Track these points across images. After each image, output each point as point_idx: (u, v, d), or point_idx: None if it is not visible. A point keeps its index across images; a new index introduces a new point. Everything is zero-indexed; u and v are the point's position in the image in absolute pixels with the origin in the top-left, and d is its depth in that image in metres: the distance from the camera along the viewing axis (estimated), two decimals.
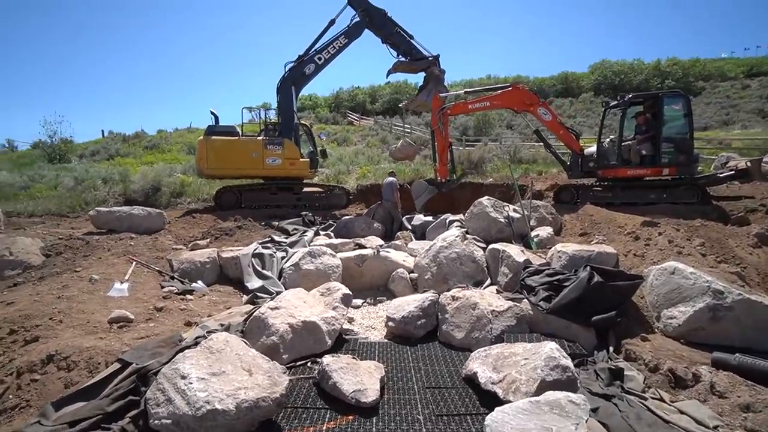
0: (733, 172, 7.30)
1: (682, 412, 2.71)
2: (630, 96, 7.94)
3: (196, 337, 3.25)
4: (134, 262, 5.34)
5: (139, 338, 3.11)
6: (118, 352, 2.77)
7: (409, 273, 5.49)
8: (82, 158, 20.38)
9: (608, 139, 8.27)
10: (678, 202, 7.25)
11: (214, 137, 9.69)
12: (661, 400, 2.91)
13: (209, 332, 3.37)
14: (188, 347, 2.98)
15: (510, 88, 8.57)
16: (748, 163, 7.24)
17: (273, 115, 10.70)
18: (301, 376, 3.21)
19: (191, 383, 2.44)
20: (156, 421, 2.35)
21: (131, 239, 6.57)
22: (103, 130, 27.88)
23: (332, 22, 9.65)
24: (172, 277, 5.22)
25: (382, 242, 6.71)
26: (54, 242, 5.57)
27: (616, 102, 8.07)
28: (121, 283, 4.38)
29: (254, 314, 3.71)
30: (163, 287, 4.82)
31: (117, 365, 2.66)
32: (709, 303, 3.47)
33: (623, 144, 7.84)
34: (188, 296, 4.68)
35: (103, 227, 7.14)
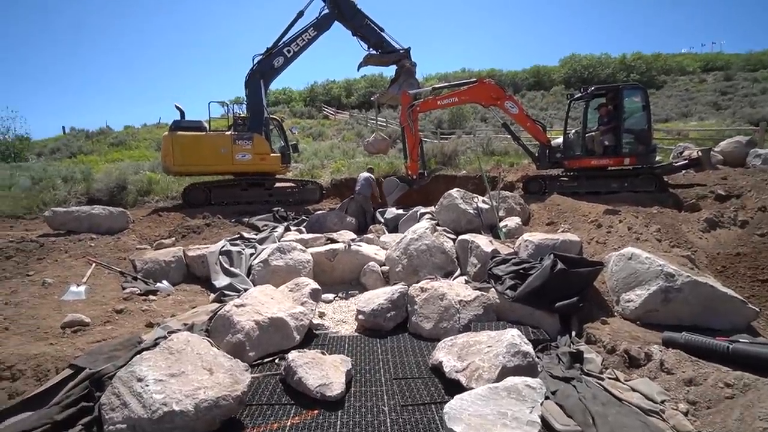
0: (686, 161, 7.69)
1: (634, 390, 2.86)
2: (593, 88, 8.17)
3: (156, 338, 3.16)
4: (93, 264, 5.11)
5: (95, 342, 2.98)
6: (70, 358, 2.65)
7: (380, 266, 5.51)
8: (41, 156, 19.25)
9: (573, 131, 8.51)
10: (638, 191, 7.55)
11: (179, 132, 9.35)
12: (616, 379, 3.05)
13: (171, 333, 3.28)
14: (147, 349, 2.89)
15: (477, 83, 8.62)
16: (699, 153, 7.66)
17: (242, 110, 10.42)
18: (268, 372, 3.18)
19: (147, 385, 2.37)
20: (111, 427, 2.27)
21: (91, 240, 6.28)
22: (63, 127, 26.33)
23: (301, 14, 9.45)
24: (135, 278, 5.03)
25: (354, 236, 6.69)
26: (3, 245, 5.24)
27: (580, 94, 8.30)
28: (78, 285, 4.18)
29: (219, 313, 3.64)
30: (124, 288, 4.65)
31: (69, 371, 2.54)
32: (662, 285, 3.64)
33: (587, 135, 8.08)
34: (151, 297, 4.53)
35: (61, 228, 6.78)
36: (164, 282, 5.04)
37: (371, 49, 9.33)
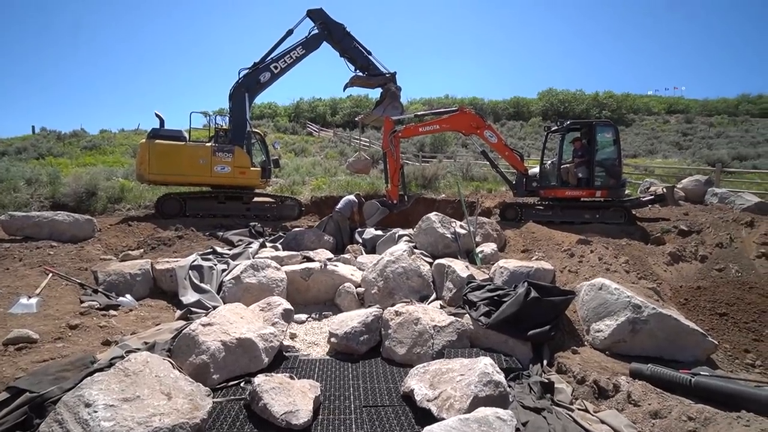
0: (652, 196, 8.11)
1: (602, 422, 2.87)
2: (568, 122, 8.57)
3: (113, 358, 2.96)
4: (50, 274, 4.81)
5: (42, 361, 2.75)
6: (9, 379, 2.43)
7: (356, 287, 5.42)
8: (5, 156, 18.28)
9: (549, 162, 8.83)
10: (608, 222, 7.86)
11: (158, 141, 9.12)
12: (586, 410, 3.06)
13: (129, 352, 3.09)
14: (100, 370, 2.70)
15: (457, 112, 8.85)
16: (664, 189, 8.09)
17: (225, 122, 10.30)
18: (232, 397, 3.01)
19: (96, 411, 2.20)
20: None
21: (51, 248, 5.92)
22: (33, 126, 25.20)
23: (290, 32, 9.57)
24: (96, 291, 4.76)
25: (331, 255, 6.60)
26: None
27: (556, 127, 8.68)
28: (29, 297, 3.90)
29: (184, 331, 3.46)
30: (82, 302, 4.37)
31: (5, 395, 2.32)
32: (630, 317, 3.74)
33: (562, 166, 8.41)
34: (112, 312, 4.27)
35: (18, 234, 6.37)
36: (127, 296, 4.78)
37: (358, 70, 9.51)
